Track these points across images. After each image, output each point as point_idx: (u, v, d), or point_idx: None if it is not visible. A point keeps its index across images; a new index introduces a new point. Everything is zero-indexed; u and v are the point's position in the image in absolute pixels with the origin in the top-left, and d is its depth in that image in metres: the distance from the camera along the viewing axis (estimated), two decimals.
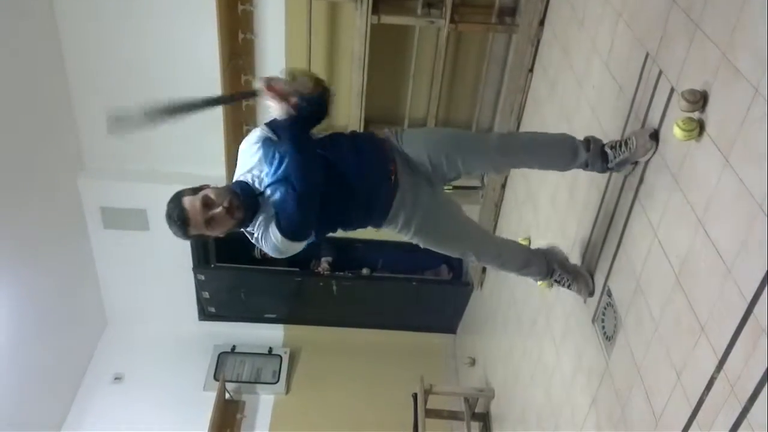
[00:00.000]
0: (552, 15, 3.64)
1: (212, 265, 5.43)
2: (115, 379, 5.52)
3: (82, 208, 5.20)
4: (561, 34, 3.47)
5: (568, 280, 2.82)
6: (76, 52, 4.56)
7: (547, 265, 2.81)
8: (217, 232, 2.24)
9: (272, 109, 2.18)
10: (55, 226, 4.90)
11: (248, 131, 4.70)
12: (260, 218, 2.26)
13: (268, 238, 2.24)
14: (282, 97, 2.15)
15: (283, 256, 2.33)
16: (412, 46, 4.44)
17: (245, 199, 2.23)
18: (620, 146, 2.38)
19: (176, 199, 2.19)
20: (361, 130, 4.48)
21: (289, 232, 2.20)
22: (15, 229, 4.34)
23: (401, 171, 2.42)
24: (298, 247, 2.28)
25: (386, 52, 4.45)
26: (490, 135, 2.50)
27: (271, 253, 2.32)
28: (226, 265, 5.43)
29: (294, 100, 2.16)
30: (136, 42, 4.49)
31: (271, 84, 2.15)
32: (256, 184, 2.29)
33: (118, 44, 4.50)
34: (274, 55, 4.55)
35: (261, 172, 2.30)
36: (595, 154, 2.44)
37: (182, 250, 5.41)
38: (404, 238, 2.62)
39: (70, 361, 5.43)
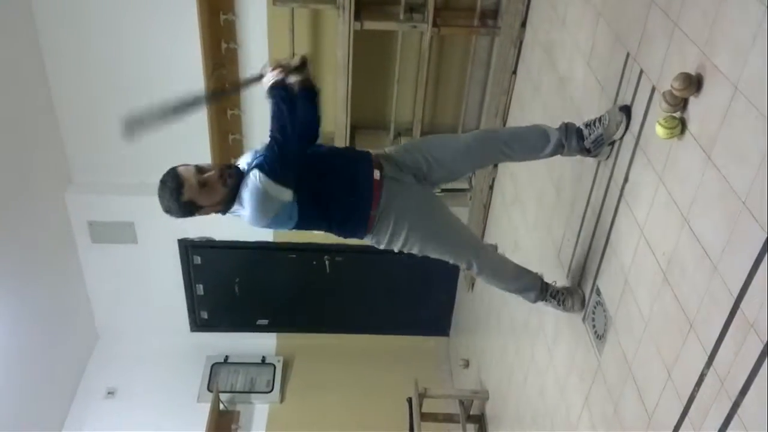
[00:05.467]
0: (533, 16, 3.66)
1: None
2: (108, 393, 5.48)
3: (69, 223, 5.17)
4: (543, 35, 3.48)
5: (562, 295, 2.82)
6: (58, 66, 4.54)
7: (541, 281, 2.86)
8: (209, 201, 2.28)
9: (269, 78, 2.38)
10: (43, 241, 4.86)
11: (234, 141, 4.78)
12: (243, 192, 2.30)
13: (248, 196, 2.28)
14: (286, 72, 2.39)
15: (265, 221, 2.34)
16: (396, 51, 4.45)
17: (235, 170, 2.34)
18: (594, 123, 2.50)
19: (170, 170, 2.27)
20: (347, 138, 4.49)
21: (271, 170, 2.25)
22: (3, 245, 4.30)
23: (386, 166, 2.50)
24: (281, 195, 2.29)
25: (370, 58, 4.46)
26: (462, 135, 2.62)
27: (251, 220, 2.34)
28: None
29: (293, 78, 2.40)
30: (120, 54, 4.48)
31: (280, 63, 2.41)
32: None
33: (102, 57, 4.49)
34: (257, 64, 4.53)
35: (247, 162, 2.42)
36: (569, 132, 2.55)
37: (171, 261, 5.41)
38: (397, 244, 2.65)
39: (62, 377, 5.39)
